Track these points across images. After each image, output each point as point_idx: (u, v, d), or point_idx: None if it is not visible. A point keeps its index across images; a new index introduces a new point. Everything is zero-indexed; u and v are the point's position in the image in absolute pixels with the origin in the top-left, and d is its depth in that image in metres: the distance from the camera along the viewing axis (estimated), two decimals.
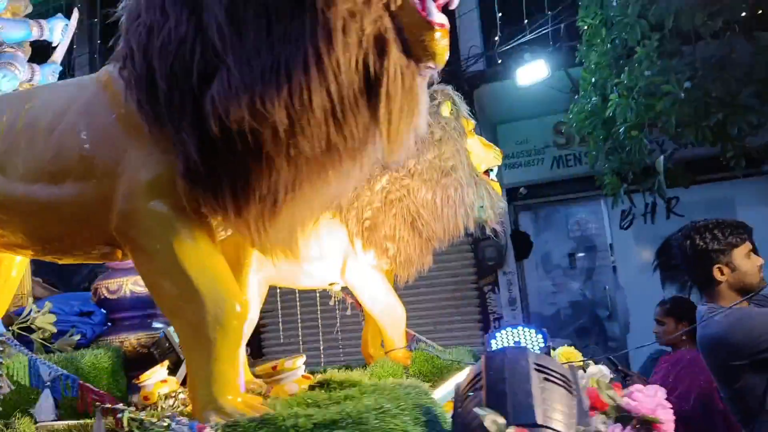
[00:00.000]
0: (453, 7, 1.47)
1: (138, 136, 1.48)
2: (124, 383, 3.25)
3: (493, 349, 3.04)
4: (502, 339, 3.09)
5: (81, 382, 1.37)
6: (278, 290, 3.65)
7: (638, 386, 1.47)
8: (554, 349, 3.03)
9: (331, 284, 3.27)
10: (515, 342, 3.07)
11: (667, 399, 1.50)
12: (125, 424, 1.27)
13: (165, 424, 1.25)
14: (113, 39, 1.57)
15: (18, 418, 1.69)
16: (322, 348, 8.22)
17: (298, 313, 8.36)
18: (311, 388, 1.90)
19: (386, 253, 3.09)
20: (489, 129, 8.55)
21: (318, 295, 3.64)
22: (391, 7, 1.41)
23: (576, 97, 5.74)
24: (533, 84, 7.12)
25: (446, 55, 1.46)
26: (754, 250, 2.88)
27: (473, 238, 8.64)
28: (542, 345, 3.03)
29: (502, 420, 1.17)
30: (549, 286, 8.67)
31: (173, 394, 2.40)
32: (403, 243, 3.09)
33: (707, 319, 2.77)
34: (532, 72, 7.08)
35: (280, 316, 8.27)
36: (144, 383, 2.45)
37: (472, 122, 3.38)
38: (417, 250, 3.14)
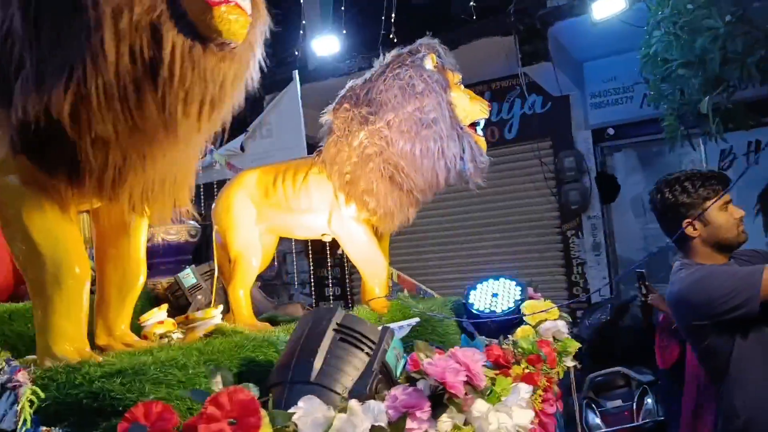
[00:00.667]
0: None
1: None
2: None
3: (470, 300, 3.11)
4: (482, 290, 3.14)
5: None
6: None
7: (438, 356, 1.52)
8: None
9: (323, 235, 3.44)
10: (493, 294, 3.10)
11: None
12: None
13: (1, 366, 1.52)
14: None
15: None
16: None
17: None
18: (208, 335, 2.12)
19: (366, 206, 3.20)
20: (573, 67, 8.14)
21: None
22: None
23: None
24: (611, 18, 6.65)
25: (237, 28, 1.56)
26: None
27: (557, 181, 8.41)
28: (518, 297, 3.06)
29: (230, 378, 1.29)
30: (638, 230, 8.26)
31: (168, 334, 2.72)
32: (381, 196, 3.18)
33: (674, 276, 2.64)
34: (609, 5, 6.62)
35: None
36: (144, 323, 2.79)
37: (458, 75, 3.34)
38: (397, 204, 3.22)
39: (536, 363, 2.27)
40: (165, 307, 3.00)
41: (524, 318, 2.84)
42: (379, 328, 1.62)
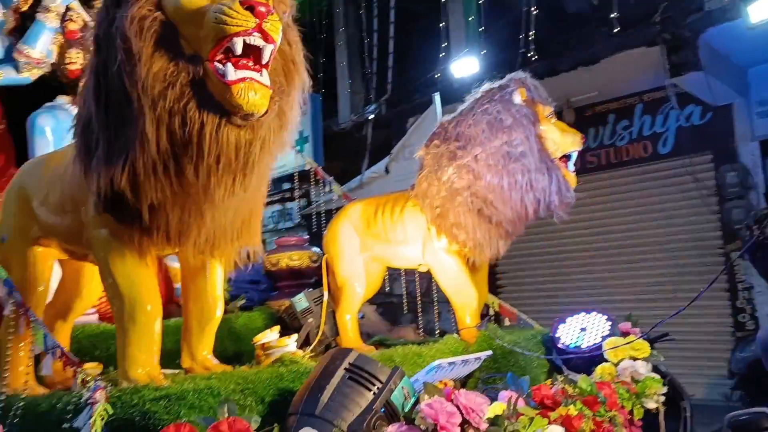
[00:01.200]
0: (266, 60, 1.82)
1: None
2: None
3: (557, 334, 3.11)
4: (572, 324, 3.14)
5: (62, 349, 2.06)
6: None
7: (437, 399, 1.63)
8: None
9: (419, 265, 3.60)
10: (581, 328, 3.09)
11: None
12: (79, 379, 1.93)
13: (89, 383, 1.87)
14: None
15: None
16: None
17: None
18: (275, 362, 2.38)
19: (456, 238, 3.32)
20: (735, 74, 7.51)
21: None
22: (195, 80, 1.81)
23: None
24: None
25: (257, 101, 1.80)
26: None
27: (718, 198, 7.79)
28: (606, 332, 3.01)
29: (234, 409, 1.51)
30: None
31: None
32: (470, 229, 3.27)
33: None
34: (766, 7, 6.08)
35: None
36: (258, 343, 3.15)
37: (550, 108, 3.34)
38: (486, 236, 3.29)
39: (593, 405, 2.26)
40: (277, 328, 3.32)
41: (605, 354, 2.79)
42: (389, 369, 1.75)
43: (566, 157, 3.30)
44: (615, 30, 7.27)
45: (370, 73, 9.83)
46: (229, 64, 1.78)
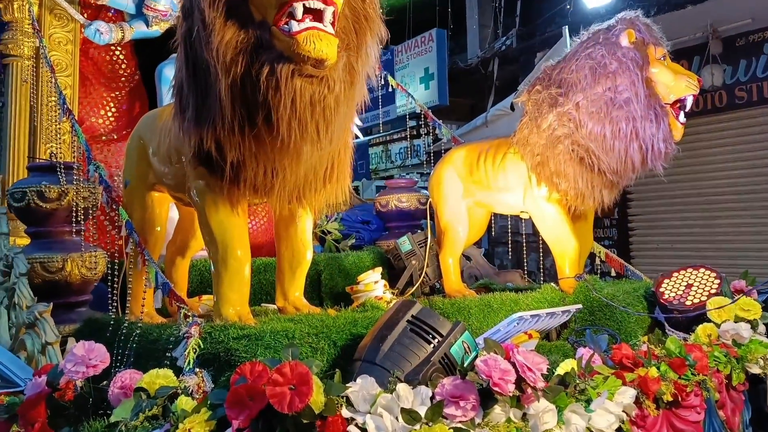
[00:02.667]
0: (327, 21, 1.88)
1: None
2: None
3: (660, 289, 3.01)
4: (677, 279, 3.04)
5: (171, 288, 2.29)
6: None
7: (492, 355, 1.66)
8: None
9: (520, 212, 3.56)
10: (687, 284, 2.98)
11: None
12: (182, 314, 2.16)
13: (189, 318, 2.09)
14: None
15: None
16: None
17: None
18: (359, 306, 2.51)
19: (556, 187, 3.23)
20: None
21: None
22: (264, 42, 1.90)
23: None
24: None
25: (323, 47, 1.85)
26: None
27: None
28: (714, 290, 2.88)
29: (296, 353, 1.63)
30: None
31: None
32: (571, 178, 3.18)
33: None
34: None
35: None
36: (362, 281, 3.33)
37: (663, 49, 3.11)
38: (588, 185, 3.18)
39: (679, 368, 2.19)
40: (379, 269, 3.48)
41: (708, 314, 2.66)
42: (450, 323, 1.80)
43: (680, 103, 3.08)
44: None
45: (499, 6, 9.46)
46: (293, 21, 1.86)
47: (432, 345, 1.74)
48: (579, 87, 3.10)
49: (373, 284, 2.79)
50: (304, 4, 1.83)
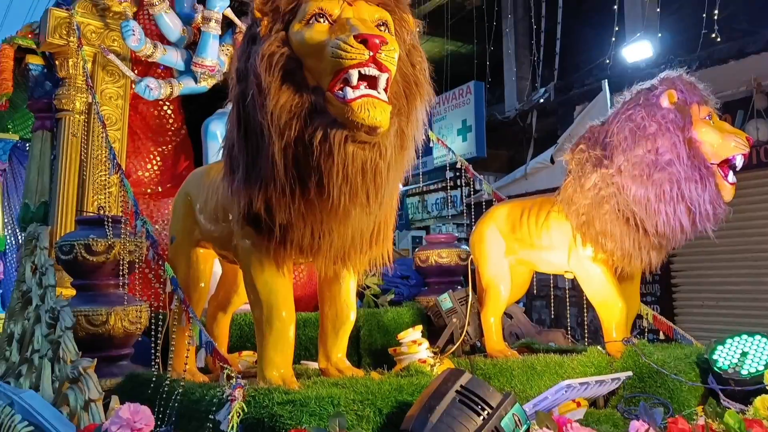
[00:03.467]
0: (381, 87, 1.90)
1: None
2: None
3: (713, 357, 2.90)
4: (731, 346, 2.93)
5: (215, 347, 2.28)
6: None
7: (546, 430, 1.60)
8: None
9: (565, 272, 3.48)
10: (742, 353, 2.87)
11: None
12: (225, 377, 2.14)
13: (233, 380, 2.06)
14: None
15: None
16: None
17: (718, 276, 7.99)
18: (402, 370, 2.45)
19: (602, 247, 3.17)
20: None
21: None
22: (318, 108, 1.92)
23: None
24: None
25: (377, 114, 1.86)
26: None
27: None
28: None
29: (344, 424, 1.59)
30: None
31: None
32: (618, 238, 3.11)
33: None
34: None
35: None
36: (402, 340, 3.28)
37: (707, 108, 3.05)
38: (636, 246, 3.11)
39: None
40: (420, 327, 3.41)
41: (766, 386, 2.53)
42: (501, 394, 1.74)
43: (728, 162, 3.01)
44: None
45: (538, 59, 9.54)
46: (348, 88, 1.88)
47: (482, 417, 1.68)
48: (620, 149, 3.06)
49: (416, 346, 2.73)
50: (359, 71, 1.85)
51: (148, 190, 4.23)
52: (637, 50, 7.97)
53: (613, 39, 8.35)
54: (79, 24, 3.91)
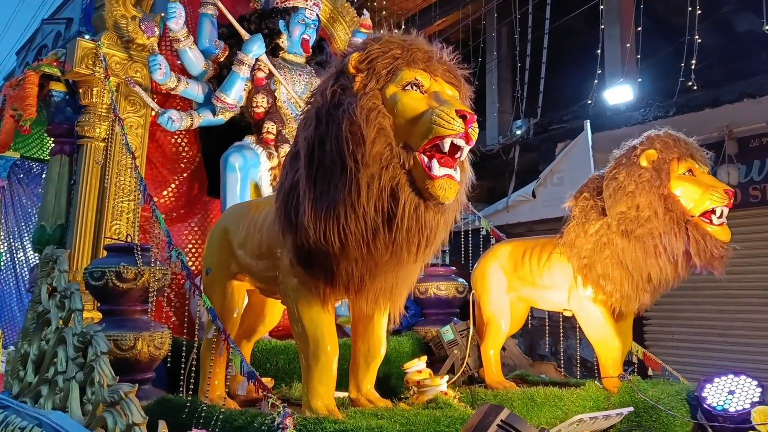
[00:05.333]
0: (463, 158, 2.13)
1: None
2: None
3: (703, 394, 3.14)
4: (719, 385, 3.17)
5: (257, 376, 2.44)
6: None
7: None
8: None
9: (564, 310, 3.73)
10: (730, 391, 3.11)
11: None
12: (269, 405, 2.30)
13: (279, 409, 2.22)
14: None
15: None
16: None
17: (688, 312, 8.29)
18: (429, 401, 2.64)
19: (602, 289, 3.42)
20: None
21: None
22: (406, 166, 2.13)
23: None
24: None
25: (450, 194, 2.12)
26: None
27: None
28: (756, 399, 3.01)
29: None
30: None
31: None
32: (617, 282, 3.36)
33: None
34: None
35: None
36: (407, 370, 3.46)
37: (688, 163, 3.31)
38: (633, 289, 3.36)
39: None
40: (424, 358, 3.59)
41: (754, 425, 2.78)
42: (537, 429, 1.95)
43: (709, 213, 3.24)
44: None
45: (521, 96, 9.90)
46: (435, 160, 2.11)
47: None
48: (608, 205, 3.34)
49: (438, 379, 2.93)
50: (452, 140, 2.09)
51: (163, 216, 4.35)
52: (618, 93, 8.36)
53: (596, 81, 8.75)
54: (105, 55, 4.06)
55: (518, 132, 9.97)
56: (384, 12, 11.84)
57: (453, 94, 2.29)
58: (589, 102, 8.76)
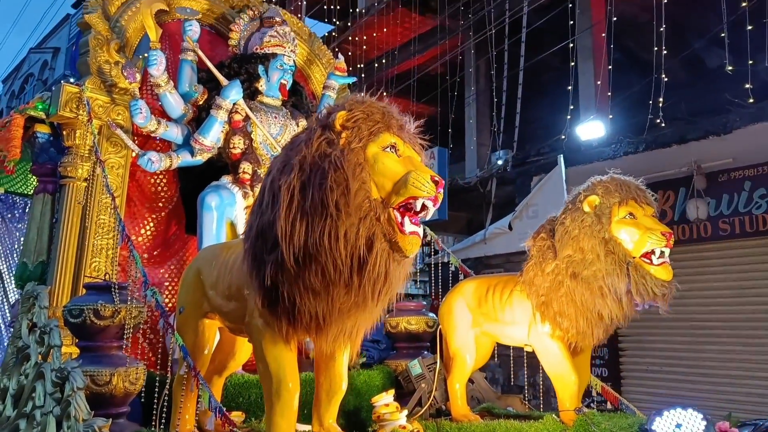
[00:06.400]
0: (427, 218, 2.33)
1: None
2: None
3: (652, 427, 3.31)
4: (668, 418, 3.34)
5: (224, 411, 2.58)
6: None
7: None
8: None
9: (525, 345, 3.90)
10: (677, 424, 3.28)
11: None
12: None
13: None
14: None
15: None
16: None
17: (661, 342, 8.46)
18: None
19: (559, 325, 3.60)
20: None
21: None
22: (381, 219, 2.33)
23: None
24: None
25: (415, 248, 2.35)
26: None
27: None
28: (700, 431, 3.18)
29: None
30: None
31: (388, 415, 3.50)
32: (573, 318, 3.54)
33: None
34: None
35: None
36: (375, 404, 3.60)
37: (628, 207, 3.47)
38: (588, 325, 3.54)
39: None
40: (392, 391, 3.76)
41: None
42: None
43: (649, 254, 3.39)
44: (749, 101, 7.17)
45: (497, 130, 10.18)
46: (407, 218, 2.35)
47: None
48: (557, 248, 3.55)
49: (398, 413, 3.08)
50: (423, 202, 2.33)
51: (144, 255, 4.50)
52: (590, 129, 8.65)
53: (568, 117, 9.05)
54: (89, 99, 4.24)
55: (499, 162, 10.23)
56: (365, 47, 12.16)
57: (421, 160, 2.53)
58: (563, 137, 9.04)
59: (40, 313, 3.86)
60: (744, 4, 7.41)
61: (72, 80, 4.46)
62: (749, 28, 7.31)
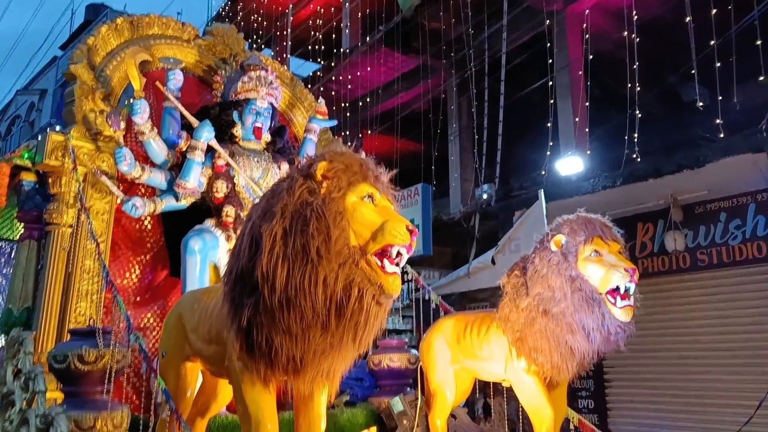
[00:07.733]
0: (402, 263, 2.47)
1: None
2: None
3: None
4: None
5: None
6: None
7: None
8: None
9: (503, 380, 3.99)
10: None
11: None
12: None
13: None
14: None
15: None
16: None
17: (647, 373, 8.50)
18: None
19: (534, 360, 3.69)
20: None
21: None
22: (359, 265, 2.43)
23: None
24: None
25: (397, 288, 2.45)
26: None
27: None
28: None
29: None
30: None
31: None
32: (547, 353, 3.63)
33: None
34: None
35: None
36: None
37: (593, 245, 3.55)
38: (562, 360, 3.63)
39: None
40: (374, 429, 3.84)
41: None
42: None
43: (615, 291, 3.46)
44: (720, 135, 7.40)
45: (479, 166, 10.37)
46: (386, 260, 2.44)
47: None
48: (529, 286, 3.66)
49: None
50: (398, 249, 2.43)
51: (131, 298, 4.57)
52: (569, 165, 8.84)
53: (548, 153, 9.25)
54: (74, 147, 4.36)
55: (484, 196, 10.39)
56: (350, 86, 12.41)
57: (394, 209, 2.64)
58: (543, 173, 9.22)
59: (25, 358, 3.92)
60: (712, 42, 7.68)
61: (58, 128, 4.58)
62: (718, 65, 7.57)
